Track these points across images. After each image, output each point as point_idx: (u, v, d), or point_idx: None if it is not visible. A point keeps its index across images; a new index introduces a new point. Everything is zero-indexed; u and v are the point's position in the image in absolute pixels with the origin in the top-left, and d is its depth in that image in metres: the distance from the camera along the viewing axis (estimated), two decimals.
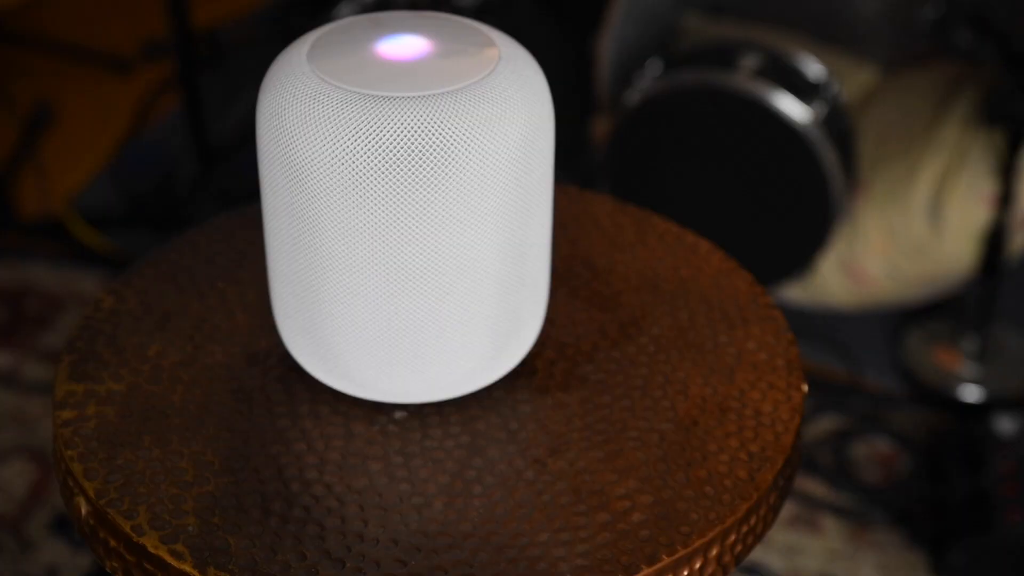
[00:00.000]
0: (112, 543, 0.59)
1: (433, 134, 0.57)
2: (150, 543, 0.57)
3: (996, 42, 1.38)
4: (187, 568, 0.56)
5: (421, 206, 0.58)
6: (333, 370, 0.64)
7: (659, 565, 0.57)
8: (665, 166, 1.43)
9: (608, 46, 1.51)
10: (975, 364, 1.45)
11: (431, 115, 0.57)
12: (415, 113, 0.57)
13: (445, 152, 0.57)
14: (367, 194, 0.58)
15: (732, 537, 0.59)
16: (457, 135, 0.57)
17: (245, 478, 0.61)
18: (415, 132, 0.57)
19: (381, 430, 0.64)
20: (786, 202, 1.40)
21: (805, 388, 0.66)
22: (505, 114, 0.59)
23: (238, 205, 0.80)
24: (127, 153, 1.76)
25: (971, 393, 1.43)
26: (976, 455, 1.27)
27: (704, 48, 1.42)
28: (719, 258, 0.75)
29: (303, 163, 0.58)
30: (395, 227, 0.58)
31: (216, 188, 1.60)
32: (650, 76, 1.41)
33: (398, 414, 0.64)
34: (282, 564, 0.56)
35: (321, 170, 0.58)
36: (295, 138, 0.58)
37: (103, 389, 0.65)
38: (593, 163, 1.47)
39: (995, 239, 1.40)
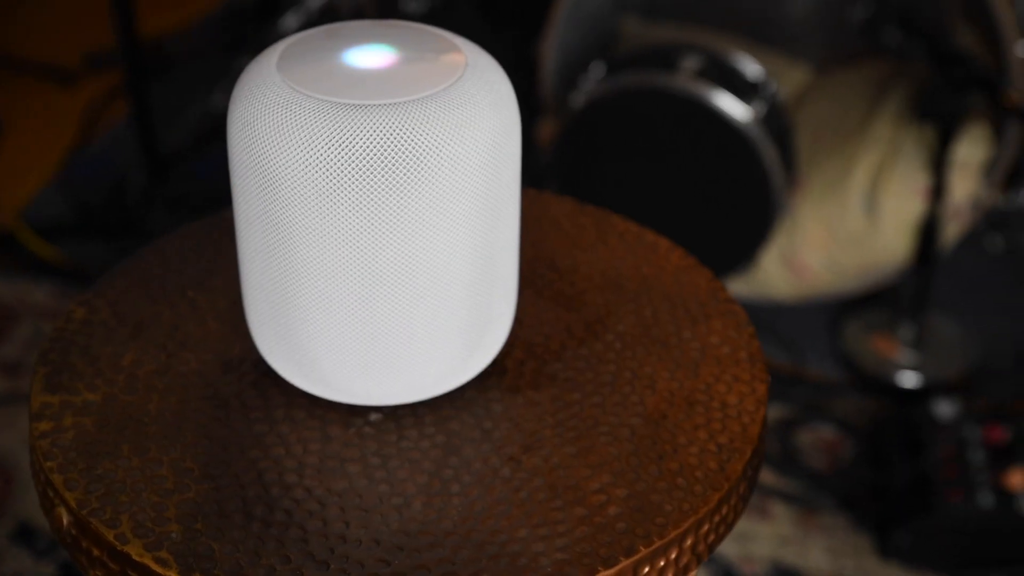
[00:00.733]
0: (95, 552, 0.59)
1: (405, 141, 0.58)
2: (134, 551, 0.58)
3: (924, 41, 1.42)
4: (172, 575, 0.57)
5: (394, 212, 0.59)
6: (308, 375, 0.65)
7: (637, 557, 0.58)
8: (611, 166, 1.45)
9: (551, 49, 1.52)
10: (912, 351, 1.49)
11: (403, 122, 0.58)
12: (387, 120, 0.58)
13: (418, 158, 0.58)
14: (340, 201, 0.59)
15: (705, 527, 0.61)
16: (429, 141, 0.58)
17: (226, 484, 0.61)
18: (387, 139, 0.58)
19: (357, 432, 0.65)
20: (728, 199, 1.43)
21: (768, 379, 0.68)
22: (475, 120, 0.60)
23: (189, 213, 0.80)
24: (75, 163, 1.75)
25: (909, 379, 1.47)
26: (916, 440, 1.31)
27: (646, 50, 1.44)
28: (678, 256, 0.77)
29: (276, 172, 0.59)
30: (368, 233, 0.59)
31: (167, 196, 1.59)
32: (594, 78, 1.43)
33: (373, 416, 0.65)
34: (267, 568, 0.57)
35: (294, 178, 0.59)
36: (268, 147, 0.59)
37: (79, 400, 0.65)
38: (540, 165, 1.48)
39: (929, 230, 1.44)
